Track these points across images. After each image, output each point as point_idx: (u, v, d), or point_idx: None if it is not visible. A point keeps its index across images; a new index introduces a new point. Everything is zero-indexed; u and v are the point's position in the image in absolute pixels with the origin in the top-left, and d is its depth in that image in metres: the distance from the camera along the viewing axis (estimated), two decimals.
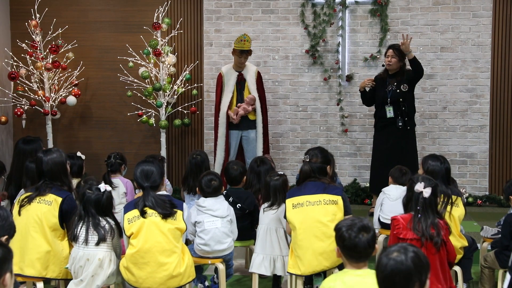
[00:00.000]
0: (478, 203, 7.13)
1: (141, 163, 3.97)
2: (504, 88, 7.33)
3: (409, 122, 6.24)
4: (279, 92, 7.60)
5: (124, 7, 7.75)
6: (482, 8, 7.29)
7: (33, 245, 3.90)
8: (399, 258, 2.24)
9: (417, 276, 2.23)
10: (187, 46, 7.69)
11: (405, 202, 3.69)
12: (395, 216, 3.63)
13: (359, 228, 2.77)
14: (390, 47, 6.31)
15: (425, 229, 3.48)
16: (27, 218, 3.93)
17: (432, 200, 3.57)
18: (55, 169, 4.05)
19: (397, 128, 6.18)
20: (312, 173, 4.17)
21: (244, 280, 5.10)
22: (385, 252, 2.30)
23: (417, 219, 3.52)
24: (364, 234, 2.76)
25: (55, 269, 3.95)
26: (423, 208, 3.54)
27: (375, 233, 2.84)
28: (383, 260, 2.27)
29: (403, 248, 2.27)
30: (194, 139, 7.79)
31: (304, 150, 7.45)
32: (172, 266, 3.75)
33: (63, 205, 3.95)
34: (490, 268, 4.40)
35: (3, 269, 2.18)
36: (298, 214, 4.08)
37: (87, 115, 7.88)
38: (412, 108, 6.32)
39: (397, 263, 2.23)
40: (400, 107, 6.16)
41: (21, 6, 7.70)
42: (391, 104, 6.17)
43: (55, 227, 3.96)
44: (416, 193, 3.58)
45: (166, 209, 3.77)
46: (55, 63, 7.33)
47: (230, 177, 4.94)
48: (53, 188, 4.01)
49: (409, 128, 6.25)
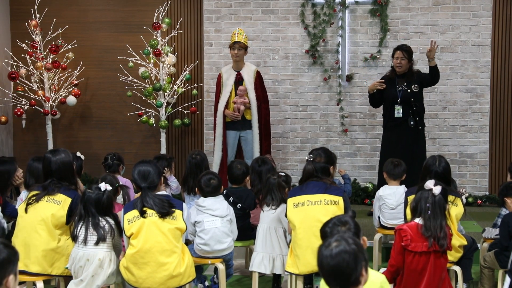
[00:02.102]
0: (478, 203, 7.13)
1: (138, 163, 3.98)
2: (504, 88, 7.33)
3: (420, 122, 6.23)
4: (279, 92, 7.60)
5: (124, 7, 7.75)
6: (482, 8, 7.30)
7: (39, 242, 3.93)
8: (342, 245, 2.26)
9: (362, 256, 2.25)
10: (187, 46, 7.70)
11: (413, 206, 3.61)
12: (401, 225, 3.58)
13: (337, 222, 2.86)
14: (398, 48, 6.23)
15: (434, 229, 3.45)
16: (34, 215, 3.95)
17: (441, 200, 3.55)
18: (63, 169, 4.09)
19: (409, 127, 6.17)
20: (315, 173, 4.19)
21: (244, 280, 5.10)
22: (324, 245, 2.30)
23: (427, 217, 3.48)
24: (342, 227, 2.83)
25: (61, 266, 3.98)
26: (433, 207, 3.50)
27: (356, 227, 2.86)
28: (325, 252, 2.27)
29: (340, 237, 2.30)
30: (194, 139, 7.79)
31: (304, 150, 7.48)
32: (172, 266, 3.75)
33: (72, 205, 3.99)
34: (490, 268, 4.39)
35: (7, 271, 2.17)
36: (298, 213, 4.09)
37: (87, 115, 7.88)
38: (422, 108, 6.31)
39: (342, 249, 2.24)
40: (412, 106, 6.14)
41: (21, 6, 7.70)
42: (401, 104, 6.15)
43: (61, 226, 4.00)
44: (425, 191, 3.55)
45: (164, 208, 3.77)
46: (55, 63, 7.34)
47: (233, 176, 4.94)
48: (61, 188, 4.05)
49: (420, 128, 6.24)
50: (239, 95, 6.54)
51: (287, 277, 4.49)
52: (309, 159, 4.24)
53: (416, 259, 3.43)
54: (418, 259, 3.43)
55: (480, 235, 5.06)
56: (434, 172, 4.26)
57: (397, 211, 4.93)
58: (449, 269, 4.20)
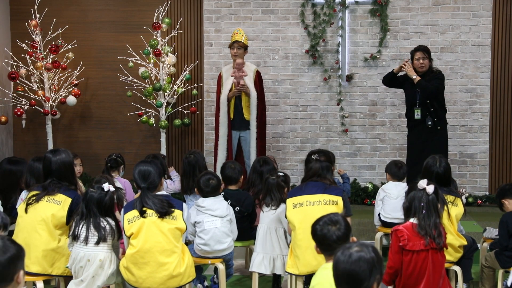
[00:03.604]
0: (478, 203, 7.13)
1: (139, 163, 3.97)
2: (504, 88, 7.33)
3: (438, 122, 6.16)
4: (279, 92, 7.60)
5: (124, 7, 7.75)
6: (482, 8, 7.30)
7: (39, 242, 3.93)
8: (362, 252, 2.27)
9: (379, 269, 2.26)
10: (187, 46, 7.70)
11: (406, 206, 3.63)
12: (397, 227, 3.59)
13: (326, 221, 2.90)
14: (417, 49, 6.10)
15: (428, 227, 3.47)
16: (34, 216, 3.95)
17: (434, 199, 3.57)
18: (63, 169, 4.09)
19: (427, 127, 6.14)
20: (321, 171, 4.23)
21: (244, 280, 5.10)
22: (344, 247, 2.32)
23: (422, 217, 3.50)
24: (332, 226, 2.86)
25: (61, 266, 3.98)
26: (427, 206, 3.52)
27: (346, 227, 2.89)
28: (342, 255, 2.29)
29: (362, 245, 2.31)
30: (194, 139, 7.79)
31: (304, 150, 7.48)
32: (172, 266, 3.75)
33: (72, 205, 3.98)
34: (490, 268, 4.40)
35: (17, 267, 2.23)
36: (298, 214, 4.10)
37: (87, 115, 7.88)
38: (441, 108, 6.26)
39: (361, 256, 2.26)
40: (429, 108, 6.12)
41: (21, 6, 7.70)
42: (420, 106, 6.12)
43: (61, 226, 4.00)
44: (419, 191, 3.57)
45: (163, 208, 3.76)
46: (55, 63, 7.34)
47: (227, 176, 4.91)
48: (62, 188, 4.04)
49: (439, 128, 6.20)
50: (237, 69, 6.48)
51: (287, 277, 4.49)
52: (315, 158, 4.30)
53: (415, 258, 3.44)
54: (416, 258, 3.44)
55: (480, 235, 5.06)
56: (435, 172, 4.26)
57: (397, 202, 4.98)
58: (449, 269, 4.20)
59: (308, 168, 4.35)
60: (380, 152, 7.53)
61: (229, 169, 4.92)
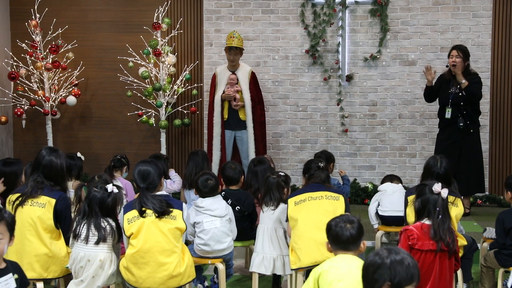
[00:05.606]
0: (478, 203, 7.12)
1: (139, 163, 3.96)
2: (504, 88, 7.33)
3: (471, 125, 6.16)
4: (279, 92, 7.60)
5: (124, 7, 7.75)
6: (482, 8, 7.30)
7: (30, 248, 3.88)
8: (402, 255, 2.41)
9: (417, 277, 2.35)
10: (187, 46, 7.70)
11: (419, 207, 3.59)
12: (407, 226, 3.58)
13: (343, 219, 3.00)
14: (454, 47, 6.21)
15: (443, 233, 3.43)
16: (21, 221, 3.85)
17: (447, 203, 3.55)
18: (50, 168, 4.02)
19: (458, 128, 6.14)
20: (326, 178, 4.34)
21: (244, 280, 5.10)
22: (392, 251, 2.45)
23: (437, 222, 3.45)
24: (347, 224, 2.96)
25: (56, 269, 3.95)
26: (443, 211, 3.49)
27: (360, 229, 2.98)
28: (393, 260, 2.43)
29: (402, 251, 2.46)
30: (194, 139, 7.79)
31: (304, 150, 7.48)
32: (172, 266, 3.75)
33: (57, 206, 3.93)
34: (490, 267, 4.39)
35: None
36: (300, 209, 4.16)
37: (87, 115, 7.88)
38: (475, 110, 6.24)
39: (402, 259, 2.42)
40: (461, 110, 6.12)
41: (21, 6, 7.70)
42: (451, 106, 6.12)
43: (50, 229, 3.94)
44: (433, 195, 3.53)
45: (162, 207, 3.76)
46: (55, 63, 7.33)
47: (228, 177, 4.92)
48: (45, 189, 3.97)
49: (471, 131, 6.19)
50: (230, 84, 6.58)
51: (287, 277, 4.49)
52: (321, 166, 4.34)
53: (423, 257, 3.44)
54: (424, 258, 3.44)
55: (480, 235, 5.06)
56: (435, 173, 4.26)
57: (394, 196, 5.10)
58: None
59: (311, 175, 4.36)
60: (380, 152, 7.53)
61: (229, 170, 4.93)
